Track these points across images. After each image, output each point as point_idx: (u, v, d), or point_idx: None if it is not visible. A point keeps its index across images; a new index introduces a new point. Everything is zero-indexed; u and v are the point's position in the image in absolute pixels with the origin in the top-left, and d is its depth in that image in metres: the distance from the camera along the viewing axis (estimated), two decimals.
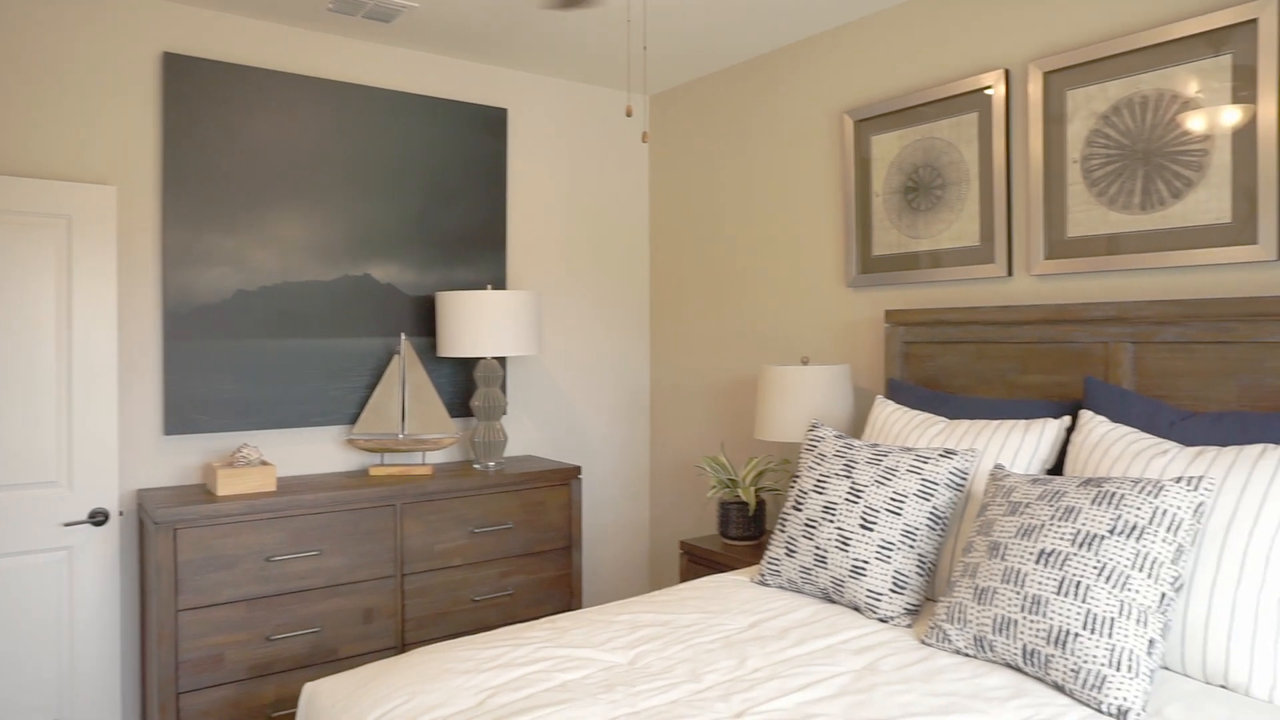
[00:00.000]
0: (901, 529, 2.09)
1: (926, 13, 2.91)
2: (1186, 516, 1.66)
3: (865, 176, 3.09)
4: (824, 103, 3.27)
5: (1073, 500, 1.78)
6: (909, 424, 2.46)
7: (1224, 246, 2.21)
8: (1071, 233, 2.51)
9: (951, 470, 2.12)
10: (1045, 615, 1.68)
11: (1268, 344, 2.07)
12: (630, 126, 4.10)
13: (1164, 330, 2.23)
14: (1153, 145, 2.33)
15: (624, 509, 4.11)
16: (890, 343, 2.90)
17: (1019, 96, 2.65)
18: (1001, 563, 1.80)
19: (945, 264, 2.84)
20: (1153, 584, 1.64)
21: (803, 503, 2.29)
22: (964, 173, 2.78)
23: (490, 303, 3.19)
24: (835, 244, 3.24)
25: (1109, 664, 1.59)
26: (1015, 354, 2.57)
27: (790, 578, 2.28)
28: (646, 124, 4.15)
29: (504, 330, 3.21)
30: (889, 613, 2.06)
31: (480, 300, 3.19)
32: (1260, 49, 2.13)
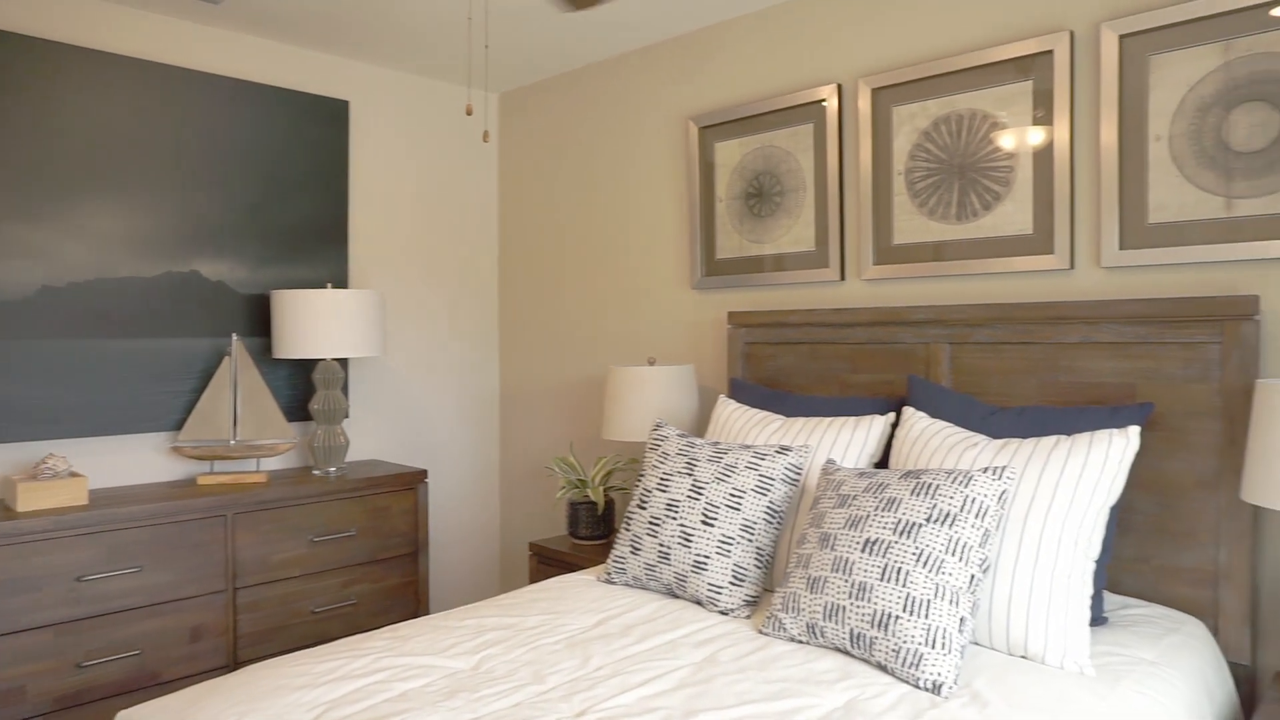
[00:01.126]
0: (741, 524, 2.17)
1: (767, 27, 3.03)
2: (992, 503, 1.81)
3: (709, 182, 3.18)
4: (670, 108, 3.34)
5: (894, 492, 1.90)
6: (749, 422, 2.55)
7: (1027, 256, 2.41)
8: (897, 240, 2.68)
9: (787, 466, 2.22)
10: (870, 600, 1.79)
11: (1063, 345, 2.28)
12: (478, 124, 4.04)
13: (977, 332, 2.42)
14: (967, 161, 2.52)
15: (473, 512, 4.05)
16: (733, 343, 3.00)
17: (850, 110, 2.80)
18: (831, 553, 1.90)
19: (784, 268, 2.96)
20: (964, 567, 1.77)
21: (647, 501, 2.33)
22: (801, 180, 2.91)
23: (330, 302, 3.07)
24: (681, 247, 3.32)
25: (925, 643, 1.71)
26: (847, 354, 2.71)
27: (635, 575, 2.32)
28: (495, 123, 4.11)
29: (345, 330, 3.09)
30: (729, 605, 2.13)
31: (319, 299, 3.06)
32: (1056, 77, 2.34)
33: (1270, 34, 2.03)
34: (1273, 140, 2.03)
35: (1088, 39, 2.32)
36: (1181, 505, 2.11)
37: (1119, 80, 2.24)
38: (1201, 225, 2.13)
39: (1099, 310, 2.20)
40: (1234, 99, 2.08)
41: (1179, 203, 2.16)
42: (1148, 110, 2.20)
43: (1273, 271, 2.06)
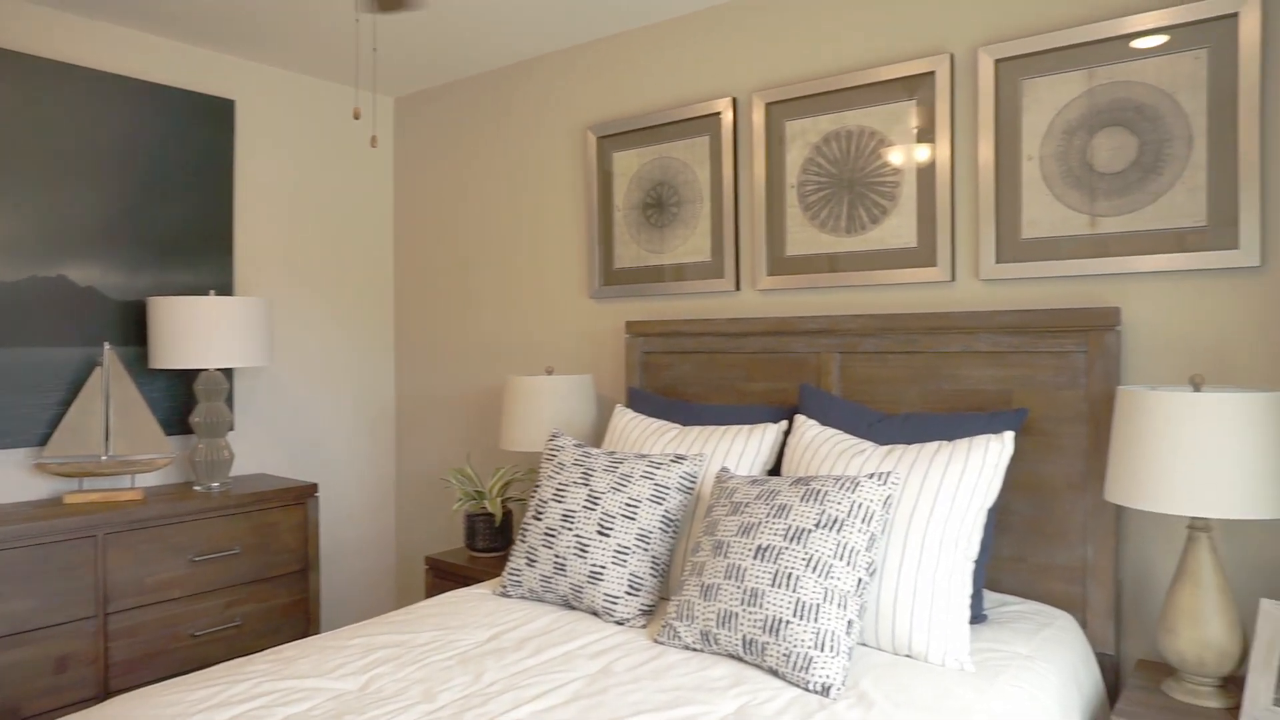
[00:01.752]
0: (636, 533, 2.17)
1: (665, 39, 3.06)
2: (878, 508, 1.86)
3: (607, 191, 3.19)
4: (569, 117, 3.34)
5: (785, 498, 1.93)
6: (645, 431, 2.56)
7: (912, 268, 2.50)
8: (790, 251, 2.74)
9: (682, 474, 2.23)
10: (762, 606, 1.81)
11: (945, 354, 2.37)
12: (369, 128, 3.95)
13: (865, 342, 2.49)
14: (856, 175, 2.60)
15: (368, 526, 3.94)
16: (631, 353, 3.01)
17: (745, 124, 2.86)
18: (725, 560, 1.92)
19: (681, 278, 2.99)
20: (851, 570, 1.81)
21: (543, 512, 2.31)
22: (698, 192, 2.95)
23: (213, 309, 2.94)
24: (579, 256, 3.31)
25: (815, 646, 1.74)
26: (743, 363, 2.76)
27: (531, 587, 2.29)
28: (389, 127, 4.02)
29: (229, 339, 2.96)
30: (625, 615, 2.13)
31: (201, 307, 2.93)
32: (937, 97, 2.44)
33: (1127, 64, 2.16)
34: (1131, 163, 2.17)
35: (966, 62, 2.43)
36: (1054, 506, 2.22)
37: (995, 102, 2.35)
38: (1069, 241, 2.25)
39: (977, 321, 2.30)
40: (1097, 123, 2.21)
41: (1049, 219, 2.28)
42: (1021, 131, 2.32)
43: (1132, 285, 2.19)
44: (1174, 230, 2.11)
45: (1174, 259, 2.10)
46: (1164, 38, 2.11)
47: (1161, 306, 2.15)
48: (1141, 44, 2.14)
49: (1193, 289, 2.11)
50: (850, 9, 2.63)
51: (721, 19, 2.91)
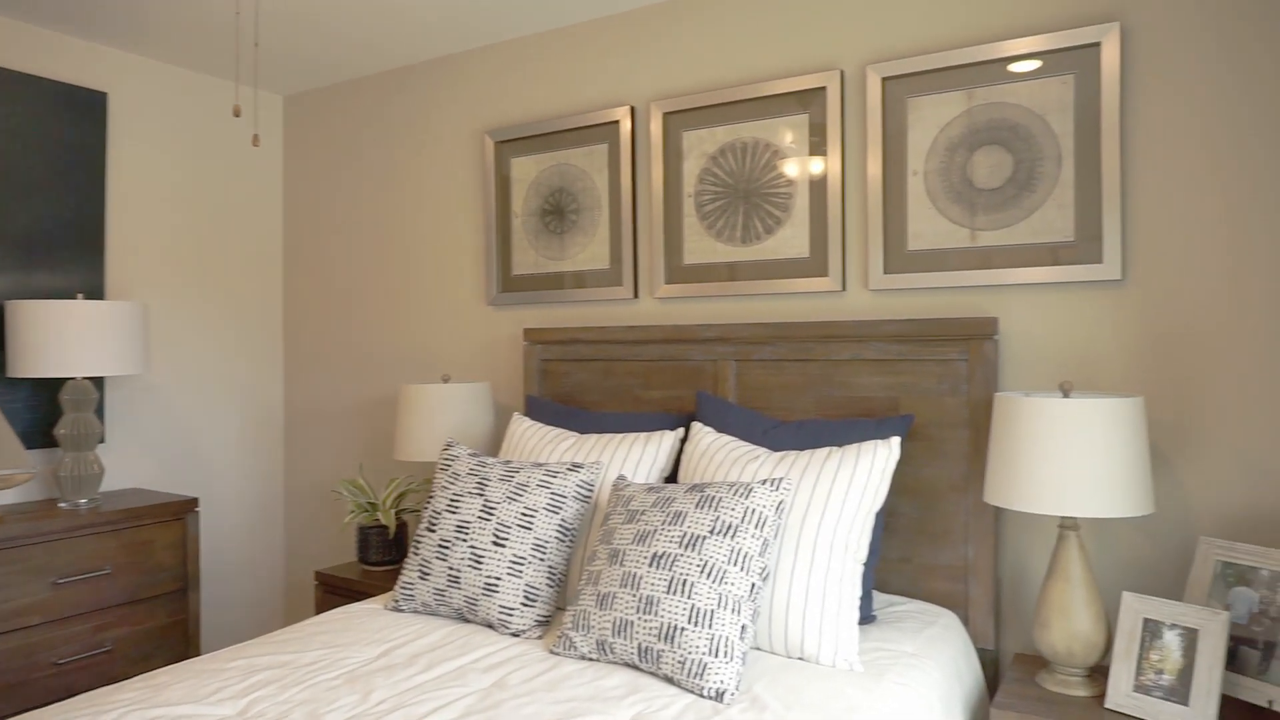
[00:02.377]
0: (532, 543, 2.14)
1: (564, 45, 3.05)
2: (770, 514, 1.89)
3: (505, 197, 3.15)
4: (466, 120, 3.29)
5: (680, 505, 1.94)
6: (543, 439, 2.54)
7: (805, 278, 2.56)
8: (687, 260, 2.76)
9: (579, 483, 2.22)
10: (657, 614, 1.82)
11: (836, 361, 2.44)
12: (262, 128, 3.80)
13: (760, 349, 2.54)
14: (751, 186, 2.65)
15: (255, 541, 3.77)
16: (529, 360, 2.98)
17: (643, 132, 2.87)
18: (620, 568, 1.91)
19: (579, 285, 2.98)
20: (745, 576, 1.84)
21: (436, 523, 2.26)
22: (596, 199, 2.94)
23: (81, 314, 2.76)
24: (477, 262, 3.26)
25: (709, 652, 1.76)
26: (641, 370, 2.77)
27: (425, 601, 2.23)
28: (279, 127, 3.87)
29: (99, 346, 2.79)
30: (521, 627, 2.10)
31: (67, 311, 2.74)
32: (829, 112, 2.51)
33: (1003, 86, 2.27)
34: (1007, 180, 2.27)
35: (856, 79, 2.50)
36: (938, 508, 2.30)
37: (882, 118, 2.43)
38: (952, 253, 2.35)
39: (866, 330, 2.37)
40: (976, 141, 2.31)
41: (933, 232, 2.37)
42: (907, 147, 2.41)
43: (1009, 296, 2.30)
44: (1046, 244, 2.23)
45: (1046, 272, 2.22)
46: (1036, 63, 2.23)
47: (1036, 317, 2.27)
48: (1016, 68, 2.26)
49: (1063, 300, 2.23)
50: (745, 23, 2.68)
51: (620, 28, 2.92)
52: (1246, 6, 2.02)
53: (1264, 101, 2.01)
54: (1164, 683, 1.79)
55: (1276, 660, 1.78)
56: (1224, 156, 2.05)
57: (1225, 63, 2.05)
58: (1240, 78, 2.03)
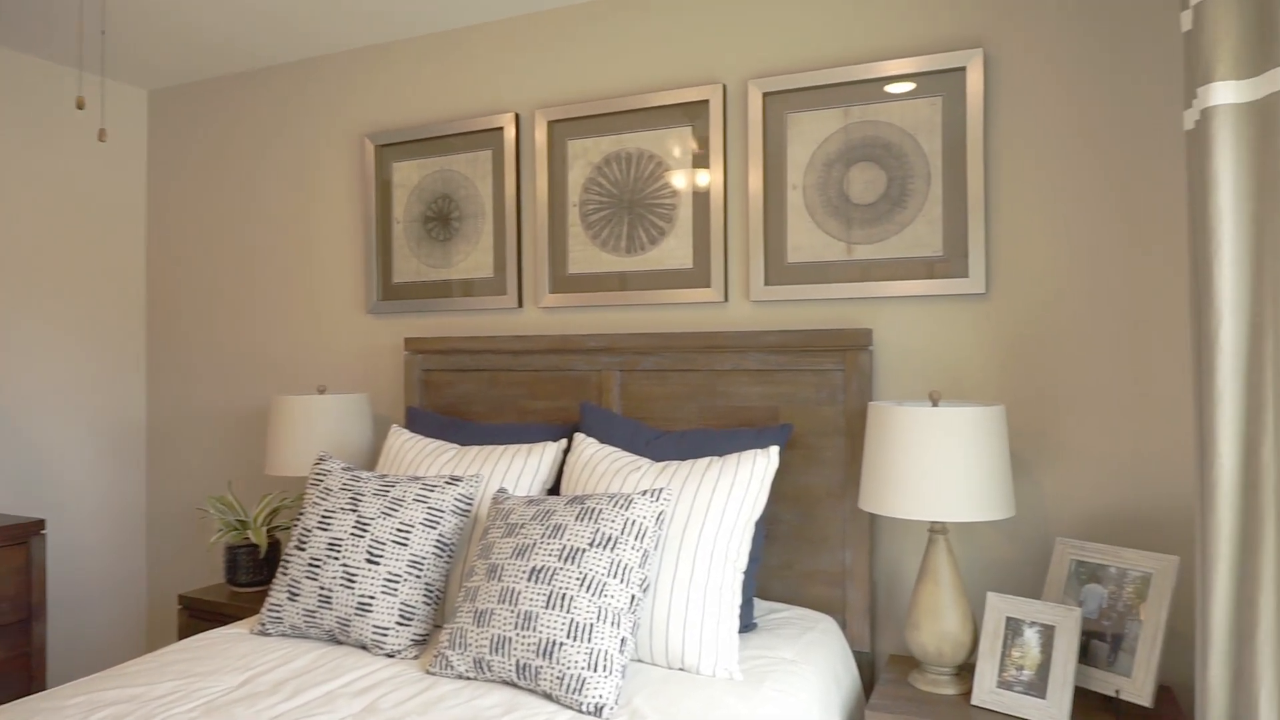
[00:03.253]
0: (409, 559, 2.07)
1: (448, 49, 2.99)
2: (650, 524, 1.89)
3: (386, 202, 3.06)
4: (346, 123, 3.18)
5: (560, 518, 1.91)
6: (422, 452, 2.46)
7: (688, 288, 2.58)
8: (572, 269, 2.74)
9: (457, 497, 2.16)
10: (536, 630, 1.78)
11: (718, 372, 2.46)
12: (124, 123, 3.57)
13: (644, 359, 2.54)
14: (636, 197, 2.65)
15: (113, 565, 3.52)
16: (410, 370, 2.89)
17: (528, 140, 2.84)
18: (499, 583, 1.87)
19: (463, 294, 2.92)
20: (625, 588, 1.82)
21: (306, 541, 2.15)
22: (480, 206, 2.89)
23: None
24: (356, 269, 3.15)
25: (588, 667, 1.73)
26: (525, 381, 2.72)
27: (294, 623, 2.13)
28: (144, 122, 3.65)
29: None
30: (396, 647, 2.02)
31: None
32: (711, 125, 2.54)
33: (877, 105, 2.35)
34: (881, 195, 2.35)
35: (738, 93, 2.54)
36: (817, 515, 2.35)
37: (763, 133, 2.48)
38: (829, 266, 2.41)
39: (747, 340, 2.40)
40: (852, 158, 2.38)
41: (811, 245, 2.43)
42: (786, 161, 2.46)
43: (883, 308, 2.37)
44: (917, 259, 2.31)
45: (917, 285, 2.30)
46: (909, 84, 2.32)
47: (908, 328, 2.35)
48: (890, 88, 2.34)
49: (933, 313, 2.32)
50: (631, 34, 2.69)
51: (505, 34, 2.89)
52: (1095, 38, 2.16)
53: (1112, 126, 2.14)
54: (1024, 678, 1.87)
55: (1123, 652, 1.88)
56: (1077, 176, 2.18)
57: (1078, 89, 2.17)
58: (1091, 104, 2.16)
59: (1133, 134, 2.12)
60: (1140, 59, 2.12)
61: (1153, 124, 2.11)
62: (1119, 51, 2.14)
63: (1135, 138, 2.12)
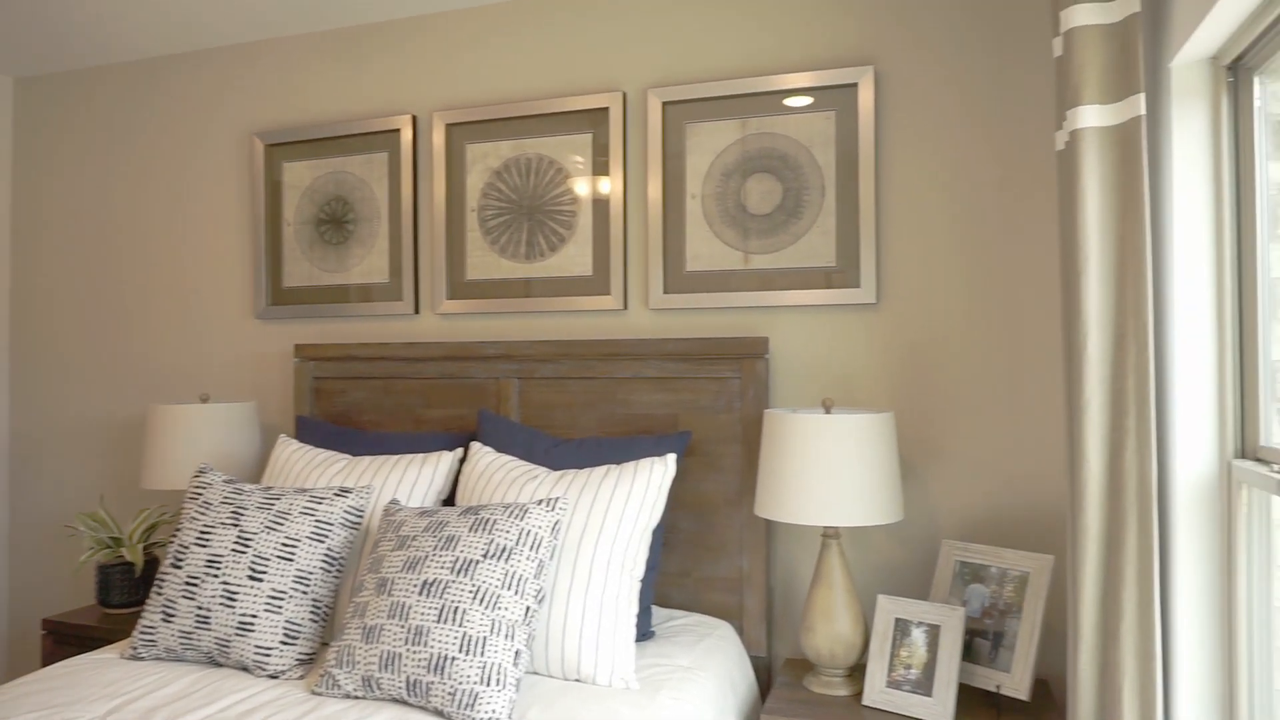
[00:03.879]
0: (294, 575, 1.99)
1: (343, 47, 2.90)
2: (546, 534, 1.86)
3: (276, 203, 2.95)
4: (232, 120, 3.05)
5: (454, 529, 1.87)
6: (311, 463, 2.37)
7: (588, 296, 2.57)
8: (470, 275, 2.70)
9: (347, 509, 2.09)
10: (427, 645, 1.73)
11: (618, 379, 2.45)
12: None
13: (543, 367, 2.51)
14: (536, 203, 2.62)
15: None
16: (300, 378, 2.79)
17: (425, 143, 2.78)
18: (389, 598, 1.81)
19: (357, 299, 2.83)
20: (519, 600, 1.79)
21: (183, 559, 2.04)
22: (376, 209, 2.81)
23: None
24: (243, 272, 3.02)
25: (481, 681, 1.69)
26: (421, 389, 2.66)
27: (169, 646, 2.01)
28: (9, 111, 3.42)
29: None
30: (280, 667, 1.93)
31: None
32: (612, 132, 2.54)
33: (774, 118, 2.39)
34: (777, 206, 2.39)
35: (638, 102, 2.55)
36: (714, 522, 2.37)
37: (663, 141, 2.49)
38: (727, 275, 2.44)
39: (646, 348, 2.40)
40: (749, 169, 2.42)
41: (710, 254, 2.45)
42: (685, 171, 2.48)
43: (779, 316, 2.41)
44: (812, 269, 2.36)
45: (812, 295, 2.35)
46: (806, 99, 2.37)
47: (803, 337, 2.39)
48: (786, 101, 2.39)
49: (827, 322, 2.37)
50: (532, 38, 2.67)
51: (403, 34, 2.82)
52: (979, 60, 2.25)
53: (994, 144, 2.24)
54: (912, 677, 1.93)
55: (1003, 649, 1.96)
56: (961, 191, 2.26)
57: (962, 108, 2.26)
58: (975, 122, 2.25)
59: (1013, 152, 2.23)
60: (1020, 81, 2.22)
61: (1030, 143, 2.21)
62: (1001, 73, 2.24)
63: (1015, 156, 2.22)
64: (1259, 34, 1.40)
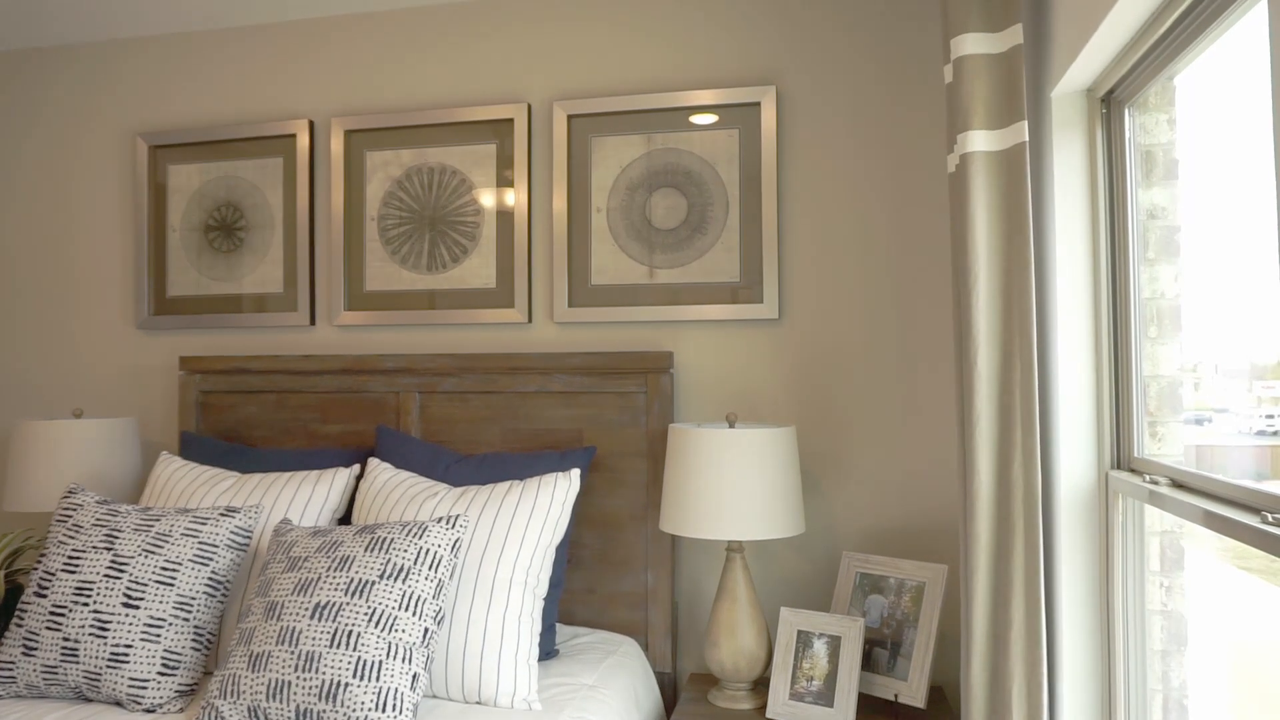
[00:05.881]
0: (175, 601, 1.87)
1: (234, 46, 2.78)
2: (446, 553, 1.81)
3: (161, 208, 2.80)
4: (114, 119, 2.88)
5: (349, 549, 1.80)
6: (195, 481, 2.25)
7: (492, 308, 2.53)
8: (370, 286, 2.62)
9: (233, 529, 1.98)
10: (318, 671, 1.65)
11: (522, 394, 2.42)
12: None
13: (444, 381, 2.45)
14: (438, 213, 2.57)
15: None
16: (185, 392, 2.65)
17: (323, 149, 2.69)
18: (278, 623, 1.72)
19: (250, 309, 2.71)
20: (417, 621, 1.73)
21: (48, 586, 1.90)
22: (269, 217, 2.70)
23: None
24: (124, 280, 2.86)
25: (376, 707, 1.63)
26: (317, 403, 2.56)
27: (30, 682, 1.86)
28: None
29: None
30: (156, 700, 1.82)
31: None
32: (516, 144, 2.51)
33: (680, 134, 2.41)
34: (682, 221, 2.41)
35: (543, 113, 2.53)
36: (620, 537, 2.35)
37: (568, 154, 2.48)
38: (632, 289, 2.44)
39: (551, 362, 2.38)
40: (654, 183, 2.43)
41: (615, 267, 2.45)
42: (591, 184, 2.47)
43: (684, 331, 2.43)
44: (717, 284, 2.38)
45: (716, 310, 2.37)
46: (710, 116, 2.39)
47: (708, 352, 2.41)
48: (692, 119, 2.41)
49: (732, 337, 2.40)
50: (436, 46, 2.62)
51: (300, 36, 2.73)
52: (877, 82, 2.32)
53: (891, 165, 2.31)
54: (814, 688, 1.95)
55: (901, 658, 2.01)
56: (858, 210, 2.33)
57: (861, 129, 2.33)
58: (872, 143, 2.32)
59: (908, 173, 2.30)
60: (915, 104, 2.30)
61: (924, 164, 2.29)
62: (898, 96, 2.31)
63: (910, 176, 2.30)
64: (1129, 68, 1.49)
